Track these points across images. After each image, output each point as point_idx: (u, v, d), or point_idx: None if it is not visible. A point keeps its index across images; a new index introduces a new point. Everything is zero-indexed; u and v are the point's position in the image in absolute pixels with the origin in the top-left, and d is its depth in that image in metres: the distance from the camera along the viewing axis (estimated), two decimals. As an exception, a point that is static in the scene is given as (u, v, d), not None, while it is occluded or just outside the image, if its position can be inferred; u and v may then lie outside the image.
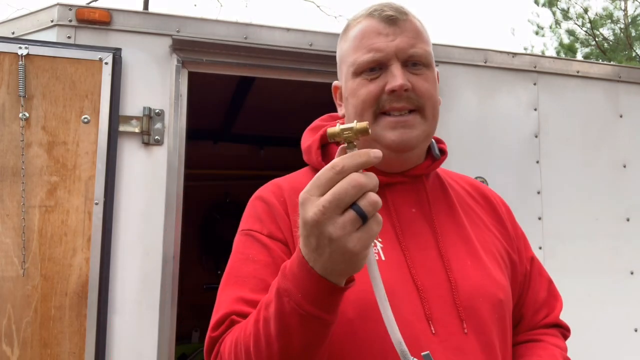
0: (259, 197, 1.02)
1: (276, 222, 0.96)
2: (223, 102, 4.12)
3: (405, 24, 0.96)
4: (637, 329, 2.88)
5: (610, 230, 2.91)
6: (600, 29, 13.76)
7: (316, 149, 1.04)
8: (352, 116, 0.98)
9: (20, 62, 2.09)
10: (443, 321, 0.89)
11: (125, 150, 2.23)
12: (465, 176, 1.21)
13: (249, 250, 0.94)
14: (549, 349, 1.02)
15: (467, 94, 2.78)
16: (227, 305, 0.88)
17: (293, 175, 1.07)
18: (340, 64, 1.04)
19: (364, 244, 0.64)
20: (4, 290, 2.00)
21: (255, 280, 0.90)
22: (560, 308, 1.14)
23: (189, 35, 2.36)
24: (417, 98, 0.95)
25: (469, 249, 0.99)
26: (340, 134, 0.66)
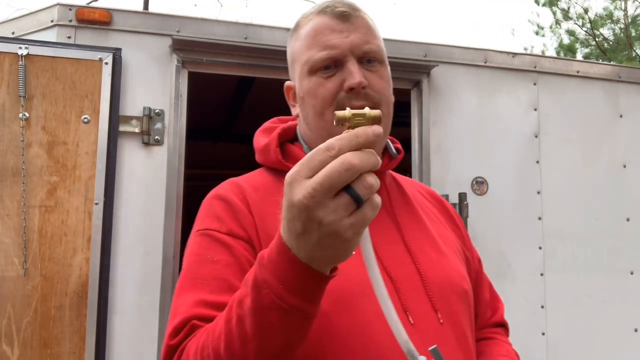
0: (216, 195, 0.96)
1: (237, 219, 0.90)
2: (223, 102, 4.12)
3: (358, 20, 0.94)
4: (637, 329, 2.88)
5: (610, 230, 2.91)
6: (601, 29, 13.77)
7: (275, 147, 1.00)
8: (311, 116, 0.95)
9: (20, 62, 2.09)
10: (419, 312, 0.88)
11: (125, 150, 2.23)
12: (416, 181, 1.22)
13: (206, 250, 0.87)
14: (503, 346, 1.05)
15: (467, 94, 2.78)
16: (185, 310, 0.81)
17: (248, 175, 1.03)
18: (292, 63, 1.01)
19: (356, 229, 0.59)
20: (4, 290, 2.00)
21: (217, 281, 0.83)
22: (502, 308, 1.15)
23: (189, 35, 2.36)
24: (374, 95, 0.93)
25: (432, 243, 0.99)
26: (351, 118, 0.61)
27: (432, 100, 2.71)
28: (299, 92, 0.99)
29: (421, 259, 0.94)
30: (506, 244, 2.72)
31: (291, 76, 1.04)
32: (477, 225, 2.64)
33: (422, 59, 2.71)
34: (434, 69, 2.69)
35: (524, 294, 2.71)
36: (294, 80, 1.01)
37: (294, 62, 1.00)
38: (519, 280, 2.71)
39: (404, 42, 2.73)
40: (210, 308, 0.80)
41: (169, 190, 2.27)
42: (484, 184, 2.73)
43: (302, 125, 1.02)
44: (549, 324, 2.73)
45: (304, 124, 1.00)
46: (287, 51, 1.03)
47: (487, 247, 2.68)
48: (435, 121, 2.70)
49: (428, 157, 2.66)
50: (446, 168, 2.68)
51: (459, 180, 2.68)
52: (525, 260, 2.75)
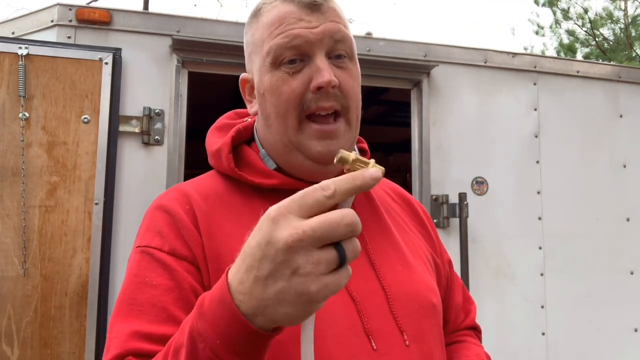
0: (159, 206, 0.86)
1: (181, 235, 0.80)
2: (223, 102, 4.12)
3: (329, 10, 0.85)
4: (637, 329, 2.88)
5: (610, 230, 2.91)
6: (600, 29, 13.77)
7: (227, 154, 0.91)
8: (272, 116, 0.86)
9: (20, 62, 2.09)
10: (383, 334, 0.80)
11: (125, 150, 2.23)
12: (385, 180, 1.10)
13: (146, 271, 0.78)
14: (472, 349, 1.01)
15: (467, 94, 2.78)
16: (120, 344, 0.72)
17: (198, 180, 0.94)
18: (250, 53, 0.92)
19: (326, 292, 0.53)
20: (4, 290, 2.00)
21: (155, 310, 0.74)
22: (475, 311, 1.10)
23: (189, 35, 2.36)
24: (343, 97, 0.84)
25: (398, 254, 0.91)
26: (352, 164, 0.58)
27: (432, 100, 2.71)
28: (258, 87, 0.89)
29: (386, 273, 0.87)
30: (506, 244, 2.72)
31: (248, 68, 0.94)
32: (477, 225, 2.65)
33: (422, 59, 2.71)
34: (434, 69, 2.69)
35: (524, 294, 2.71)
36: (252, 73, 0.92)
37: (252, 53, 0.91)
38: (519, 280, 2.71)
39: (404, 42, 2.73)
40: (147, 341, 0.72)
41: (169, 190, 2.27)
42: (484, 184, 2.73)
43: (260, 124, 0.92)
44: (549, 324, 2.73)
45: (263, 125, 0.90)
46: (244, 39, 0.94)
47: (487, 247, 2.68)
48: (435, 121, 2.70)
49: (428, 157, 2.66)
50: (446, 168, 2.68)
51: (459, 180, 2.68)
52: (525, 260, 2.75)
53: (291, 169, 0.89)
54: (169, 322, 0.73)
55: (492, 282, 2.63)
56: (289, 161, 0.88)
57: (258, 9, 0.90)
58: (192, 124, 2.69)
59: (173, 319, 0.73)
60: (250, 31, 0.92)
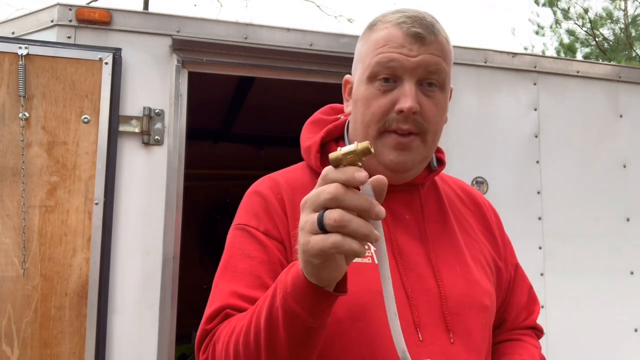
0: (256, 191, 1.01)
1: (273, 219, 0.95)
2: (223, 102, 4.12)
3: (432, 43, 0.94)
4: (637, 329, 2.88)
5: (610, 230, 2.91)
6: (601, 29, 13.76)
7: (315, 153, 1.03)
8: (359, 122, 0.98)
9: (20, 62, 2.09)
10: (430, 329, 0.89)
11: (125, 150, 2.23)
12: (459, 180, 1.22)
13: (245, 245, 0.93)
14: (528, 348, 1.06)
15: (467, 94, 2.78)
16: (221, 299, 0.88)
17: (290, 171, 1.06)
18: (356, 62, 1.03)
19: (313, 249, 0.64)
20: (4, 290, 2.00)
21: (251, 277, 0.89)
22: (538, 312, 1.17)
23: (189, 35, 2.36)
24: (423, 122, 0.94)
25: (458, 256, 1.00)
26: (343, 159, 0.65)
27: (432, 100, 2.70)
28: (354, 93, 1.00)
29: (443, 273, 0.95)
30: (506, 244, 2.72)
31: (352, 72, 1.04)
32: (477, 225, 2.64)
33: (422, 59, 2.70)
34: (434, 69, 2.68)
35: (524, 294, 2.71)
36: (354, 78, 1.03)
37: (357, 62, 1.02)
38: (519, 280, 2.71)
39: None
40: (243, 300, 0.86)
41: (169, 190, 2.27)
42: (484, 184, 2.73)
43: (352, 125, 1.03)
44: (549, 324, 2.73)
45: (353, 126, 1.02)
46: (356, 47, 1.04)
47: (487, 247, 2.67)
48: (435, 121, 2.69)
49: (428, 157, 2.65)
50: (446, 168, 2.67)
51: (459, 180, 2.67)
52: (525, 260, 2.73)
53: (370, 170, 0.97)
54: (261, 288, 0.86)
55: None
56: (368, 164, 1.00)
57: (374, 23, 1.00)
58: (192, 124, 2.69)
59: (265, 286, 0.86)
60: (361, 42, 1.02)
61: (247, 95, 3.81)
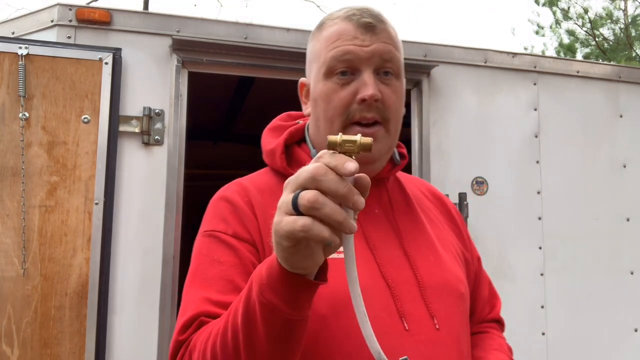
0: (222, 197, 0.98)
1: (242, 222, 0.93)
2: (223, 102, 4.12)
3: (382, 32, 0.95)
4: (637, 329, 2.88)
5: (610, 230, 2.91)
6: (600, 29, 13.77)
7: (280, 154, 1.01)
8: (321, 120, 0.97)
9: (20, 62, 2.09)
10: (415, 317, 0.89)
11: (125, 150, 2.23)
12: (420, 179, 1.23)
13: (213, 251, 0.90)
14: (496, 339, 1.09)
15: (467, 94, 2.78)
16: (194, 307, 0.85)
17: (255, 176, 1.05)
18: (310, 62, 1.03)
19: (282, 230, 0.61)
20: (4, 290, 2.00)
21: (223, 282, 0.86)
22: (500, 305, 1.19)
23: (189, 35, 2.36)
24: (384, 110, 0.94)
25: (430, 246, 1.01)
26: (341, 144, 0.63)
27: (432, 100, 2.71)
28: (312, 92, 1.00)
29: (419, 263, 0.96)
30: (506, 244, 2.72)
31: (307, 74, 1.05)
32: (477, 225, 2.64)
33: (422, 59, 2.71)
34: (434, 69, 2.69)
35: (524, 294, 2.71)
36: (309, 79, 1.03)
37: (311, 62, 1.02)
38: (519, 280, 2.71)
39: (404, 42, 2.68)
40: (216, 306, 0.83)
41: (169, 190, 2.27)
42: (484, 184, 2.73)
43: (312, 125, 1.03)
44: (549, 324, 2.73)
45: (314, 125, 1.02)
46: (307, 48, 1.04)
47: (487, 247, 2.67)
48: (435, 121, 2.70)
49: (428, 157, 2.66)
50: (446, 168, 2.68)
51: (459, 180, 2.68)
52: (525, 260, 2.75)
53: None
54: (234, 292, 0.83)
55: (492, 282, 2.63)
56: None
57: (322, 23, 1.01)
58: (192, 124, 2.69)
59: (238, 289, 0.83)
60: (312, 42, 1.03)
61: (247, 95, 3.81)
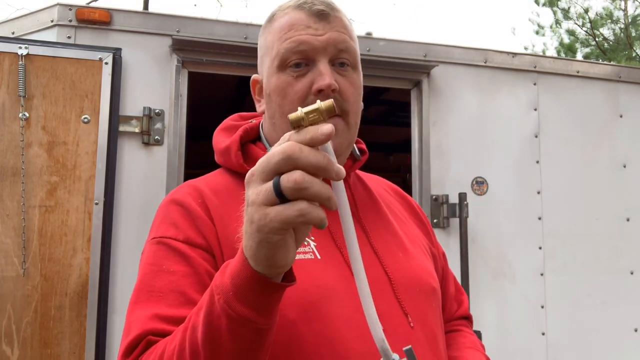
0: (173, 200, 0.91)
1: (195, 226, 0.85)
2: (223, 102, 4.12)
3: (336, 20, 0.91)
4: (637, 329, 2.88)
5: (610, 230, 2.91)
6: (601, 28, 13.77)
7: (236, 151, 0.96)
8: (277, 115, 0.92)
9: (20, 62, 2.09)
10: (389, 316, 0.86)
11: (125, 150, 2.23)
12: (380, 178, 1.18)
13: (162, 260, 0.82)
14: (468, 337, 1.07)
15: (467, 94, 2.78)
16: (140, 326, 0.76)
17: (208, 177, 0.99)
18: (262, 55, 0.97)
19: (275, 222, 0.55)
20: (4, 290, 2.00)
21: (173, 294, 0.78)
22: (467, 301, 1.17)
23: (189, 35, 2.36)
24: (342, 102, 0.89)
25: (398, 243, 0.98)
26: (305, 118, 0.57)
27: (432, 100, 2.71)
28: (266, 87, 0.94)
29: (388, 260, 0.92)
30: (506, 244, 2.72)
31: (259, 70, 1.00)
32: (477, 225, 2.64)
33: (422, 59, 2.71)
34: (434, 69, 2.69)
35: (524, 294, 2.71)
36: (262, 75, 0.97)
37: (263, 55, 0.96)
38: (519, 280, 2.71)
39: (404, 42, 2.73)
40: (166, 323, 0.75)
41: (169, 190, 2.27)
42: (484, 184, 2.73)
43: (267, 123, 0.98)
44: (549, 324, 2.73)
45: (269, 122, 0.96)
46: (258, 42, 0.99)
47: (487, 247, 2.67)
48: (435, 121, 2.70)
49: (428, 157, 2.66)
50: (446, 168, 2.68)
51: (459, 180, 2.68)
52: (525, 260, 2.75)
53: None
54: (187, 305, 0.76)
55: (492, 282, 2.63)
56: None
57: (272, 14, 0.95)
58: (192, 124, 2.69)
59: (191, 302, 0.76)
60: (263, 35, 0.97)
61: (247, 95, 3.81)
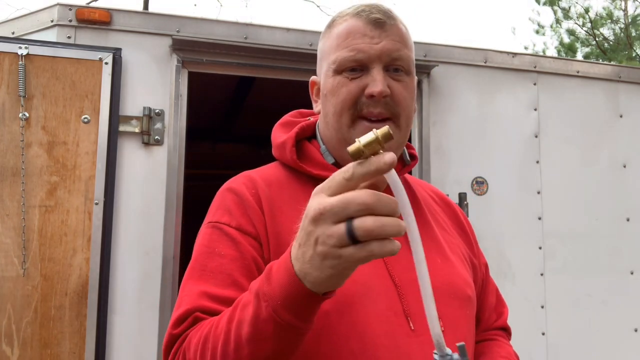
0: (229, 188, 0.97)
1: (247, 215, 0.91)
2: (223, 102, 4.12)
3: (392, 28, 0.94)
4: (637, 329, 2.88)
5: (610, 230, 2.91)
6: (601, 28, 13.76)
7: (291, 147, 1.00)
8: (330, 114, 0.96)
9: (20, 62, 2.09)
10: (421, 317, 0.86)
11: (125, 150, 2.23)
12: (427, 183, 1.22)
13: (215, 243, 0.90)
14: (504, 347, 1.07)
15: (467, 94, 2.78)
16: (190, 301, 0.84)
17: (263, 169, 1.04)
18: (320, 60, 1.02)
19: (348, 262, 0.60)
20: (4, 290, 2.00)
21: (222, 276, 0.86)
22: (507, 313, 1.17)
23: (189, 35, 2.36)
24: (394, 106, 0.93)
25: (438, 249, 1.00)
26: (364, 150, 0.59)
27: (432, 100, 2.71)
28: (322, 89, 0.99)
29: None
30: (506, 244, 2.72)
31: (318, 72, 1.04)
32: (477, 225, 2.62)
33: (422, 59, 2.71)
34: (434, 69, 2.69)
35: (524, 294, 2.71)
36: (320, 77, 1.02)
37: (322, 60, 1.01)
38: (519, 280, 2.71)
39: (404, 42, 2.72)
40: (213, 301, 0.83)
41: (169, 190, 2.27)
42: (484, 184, 2.73)
43: (322, 122, 1.02)
44: (549, 324, 2.73)
45: (324, 122, 1.01)
46: (318, 46, 1.04)
47: (487, 247, 2.67)
48: (435, 121, 2.70)
49: (428, 157, 2.66)
50: (446, 168, 2.68)
51: (459, 180, 2.68)
52: (525, 260, 2.75)
53: (345, 162, 0.96)
54: (233, 287, 0.84)
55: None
56: (343, 155, 0.97)
57: (332, 20, 1.00)
58: (192, 124, 2.69)
59: (236, 284, 0.84)
60: (322, 40, 1.02)
61: (247, 95, 3.81)
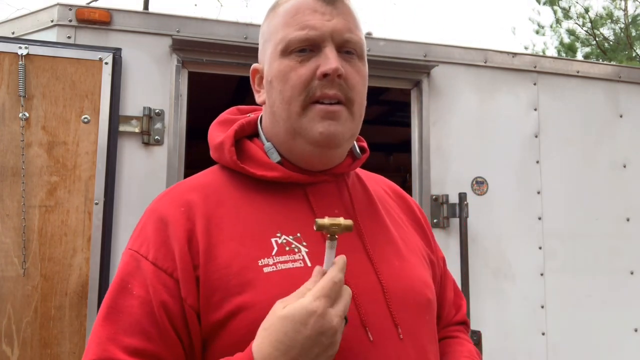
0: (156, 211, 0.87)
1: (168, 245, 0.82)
2: (223, 102, 4.12)
3: (344, 7, 0.88)
4: (637, 329, 2.88)
5: (610, 230, 2.91)
6: (601, 28, 13.76)
7: (229, 147, 0.92)
8: (278, 103, 0.87)
9: (20, 62, 2.09)
10: (379, 327, 0.83)
11: (125, 150, 2.23)
12: (381, 177, 1.13)
13: (130, 278, 0.82)
14: (465, 345, 1.05)
15: (467, 94, 2.78)
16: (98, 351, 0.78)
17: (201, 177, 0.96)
18: (264, 42, 0.93)
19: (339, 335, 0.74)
20: (4, 290, 2.00)
21: (130, 320, 0.79)
22: (465, 306, 1.14)
23: (189, 35, 2.36)
24: (348, 90, 0.86)
25: (395, 250, 0.94)
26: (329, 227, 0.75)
27: (432, 100, 2.71)
28: (267, 75, 0.90)
29: (383, 268, 0.89)
30: (506, 244, 2.72)
31: (260, 59, 0.95)
32: (477, 225, 2.64)
33: (422, 59, 2.71)
34: (434, 69, 2.69)
35: (524, 294, 2.71)
36: (263, 63, 0.93)
37: (266, 42, 0.92)
38: (519, 280, 2.71)
39: (404, 42, 2.73)
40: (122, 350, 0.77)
41: (169, 190, 2.27)
42: (484, 184, 2.73)
43: (267, 114, 0.93)
44: (549, 324, 2.73)
45: (269, 113, 0.92)
46: (261, 29, 0.95)
47: (487, 247, 2.67)
48: (435, 121, 2.70)
49: (428, 157, 2.66)
50: (446, 168, 2.68)
51: (459, 180, 2.68)
52: (525, 260, 2.75)
53: (294, 157, 0.91)
54: (140, 335, 0.78)
55: (492, 282, 2.63)
56: (292, 149, 0.90)
57: (276, 1, 0.92)
58: (192, 124, 2.69)
59: (144, 332, 0.78)
60: (267, 21, 0.94)
61: (247, 95, 3.81)
